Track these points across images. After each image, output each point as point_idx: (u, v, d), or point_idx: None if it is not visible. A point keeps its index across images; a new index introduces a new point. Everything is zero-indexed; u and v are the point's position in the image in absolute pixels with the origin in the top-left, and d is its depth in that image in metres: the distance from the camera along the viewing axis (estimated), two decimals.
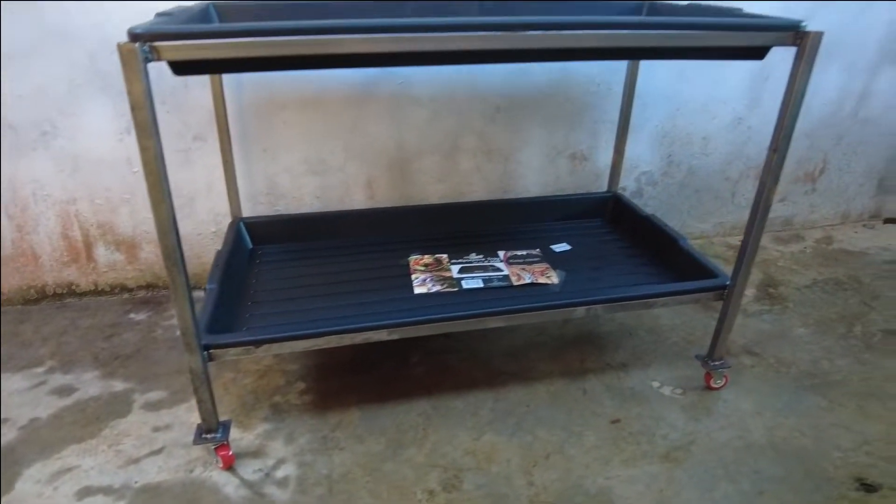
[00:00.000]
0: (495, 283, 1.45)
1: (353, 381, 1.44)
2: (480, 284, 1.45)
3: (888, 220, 2.12)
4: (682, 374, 1.49)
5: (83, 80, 1.51)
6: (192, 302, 1.03)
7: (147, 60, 0.86)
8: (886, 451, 1.28)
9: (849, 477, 1.21)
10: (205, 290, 1.28)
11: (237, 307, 1.34)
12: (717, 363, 1.40)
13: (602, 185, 1.96)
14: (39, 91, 1.50)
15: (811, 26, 1.74)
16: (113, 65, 1.50)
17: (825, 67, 1.97)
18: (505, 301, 1.27)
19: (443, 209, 1.76)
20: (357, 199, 1.80)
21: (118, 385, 1.43)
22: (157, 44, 0.86)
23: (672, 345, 1.60)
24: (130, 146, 1.60)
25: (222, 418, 1.18)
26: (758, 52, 1.12)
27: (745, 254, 1.26)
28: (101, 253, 1.73)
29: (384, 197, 1.82)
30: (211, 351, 1.10)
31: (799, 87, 1.09)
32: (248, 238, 1.61)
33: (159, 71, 0.91)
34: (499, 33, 0.95)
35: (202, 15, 1.28)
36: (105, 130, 1.58)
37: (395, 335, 1.19)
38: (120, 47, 0.84)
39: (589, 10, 1.53)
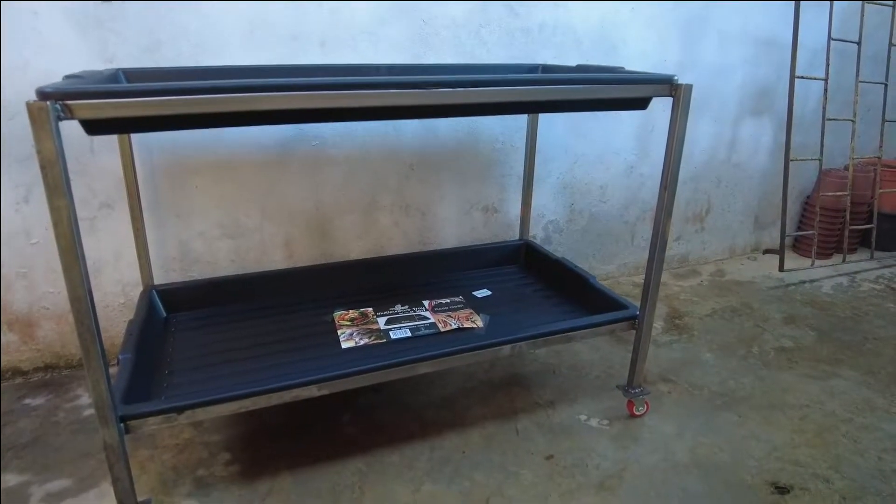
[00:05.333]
0: (423, 332, 1.47)
1: (282, 446, 1.38)
2: (408, 334, 1.46)
3: (767, 251, 2.37)
4: (606, 406, 1.55)
5: None
6: (107, 370, 0.97)
7: (59, 119, 0.84)
8: (792, 454, 1.39)
9: (764, 483, 1.29)
10: (117, 360, 1.20)
11: (154, 377, 1.27)
12: (636, 391, 1.48)
13: (514, 234, 2.06)
14: None
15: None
16: (8, 133, 1.44)
17: (699, 119, 2.24)
18: (434, 346, 1.29)
19: (365, 264, 1.78)
20: (275, 260, 1.78)
21: (12, 479, 1.28)
22: (70, 102, 0.84)
23: (594, 379, 1.67)
24: (28, 216, 1.51)
25: (141, 498, 1.09)
26: (642, 103, 1.27)
27: (650, 285, 1.36)
28: None
29: (303, 256, 1.81)
30: (128, 422, 1.03)
31: (679, 130, 1.24)
32: (161, 306, 1.54)
33: (63, 136, 0.88)
34: (412, 91, 1.02)
35: (112, 79, 1.27)
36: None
37: (325, 390, 1.17)
38: (30, 105, 0.82)
39: (487, 72, 1.66)
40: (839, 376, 1.71)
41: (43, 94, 0.83)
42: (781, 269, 2.30)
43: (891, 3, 2.24)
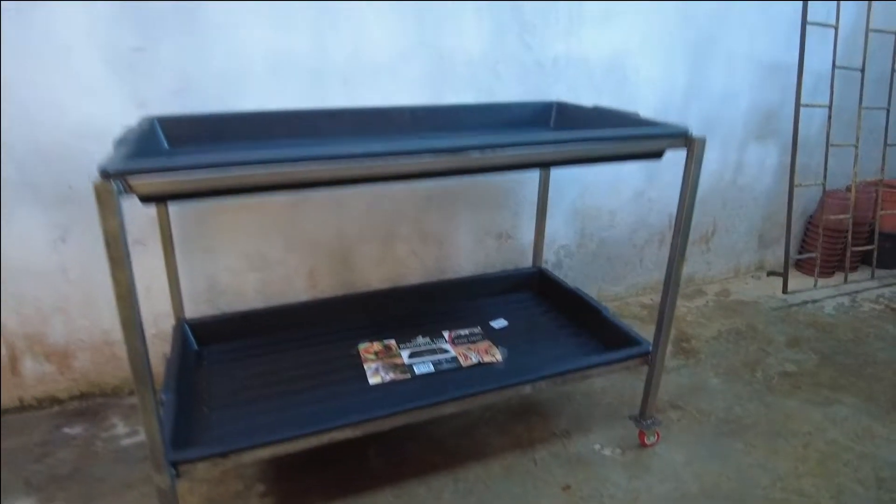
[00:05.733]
0: (445, 366, 1.54)
1: (313, 478, 1.45)
2: (431, 369, 1.53)
3: (771, 273, 2.44)
4: (619, 434, 1.62)
5: (9, 190, 1.48)
6: (160, 420, 1.03)
7: (120, 195, 0.90)
8: (796, 484, 1.46)
9: None
10: (161, 400, 1.27)
11: (194, 415, 1.34)
12: (648, 422, 1.55)
13: (527, 259, 2.12)
14: None
15: (689, 113, 2.05)
16: (46, 175, 1.50)
17: (707, 143, 2.29)
18: (458, 383, 1.36)
19: (385, 294, 1.84)
20: (299, 290, 1.85)
21: None
22: (130, 180, 0.90)
23: (606, 406, 1.74)
24: (65, 254, 1.57)
25: None
26: (657, 154, 1.33)
27: (663, 325, 1.43)
28: (29, 366, 1.65)
29: (326, 286, 1.88)
30: (179, 467, 1.10)
31: (692, 179, 1.31)
32: (193, 340, 1.60)
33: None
34: (448, 156, 1.08)
35: (150, 133, 1.33)
36: (35, 240, 1.54)
37: (359, 431, 1.24)
38: (96, 186, 0.87)
39: (504, 113, 1.72)
40: (840, 402, 1.79)
41: (105, 174, 0.89)
42: (785, 291, 2.37)
43: (894, 31, 2.29)
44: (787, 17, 2.20)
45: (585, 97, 2.00)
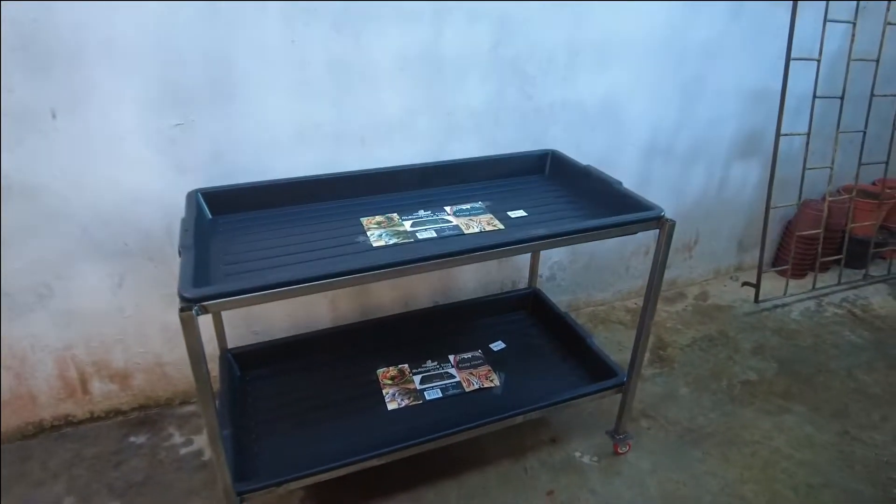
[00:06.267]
0: (451, 391, 1.82)
1: (344, 486, 1.75)
2: (440, 395, 1.81)
3: (745, 283, 2.69)
4: (597, 443, 1.93)
5: (76, 249, 1.72)
6: (231, 469, 1.32)
7: (198, 315, 1.14)
8: (739, 490, 1.77)
9: None
10: (221, 437, 1.56)
11: (246, 444, 1.63)
12: (621, 437, 1.85)
13: (523, 275, 2.37)
14: (35, 262, 1.69)
15: (678, 139, 2.23)
16: (105, 235, 1.73)
17: (692, 166, 2.49)
18: (461, 408, 1.68)
19: (398, 319, 2.11)
20: (323, 315, 2.10)
21: None
22: (206, 304, 1.14)
23: (588, 416, 2.03)
24: (122, 297, 1.83)
25: None
26: (632, 231, 1.55)
27: (635, 362, 1.70)
28: (97, 386, 1.94)
29: (346, 310, 2.13)
30: (243, 497, 1.40)
31: (663, 255, 1.53)
32: (236, 367, 1.88)
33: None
34: (453, 257, 1.32)
35: (197, 209, 1.55)
36: (98, 288, 1.79)
37: (384, 460, 1.53)
38: (181, 315, 1.11)
39: (504, 165, 1.92)
40: (789, 411, 2.08)
41: (186, 300, 1.13)
42: (756, 300, 2.63)
43: (874, 59, 2.42)
44: (774, 50, 2.33)
45: (580, 135, 2.19)
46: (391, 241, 1.49)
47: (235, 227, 1.60)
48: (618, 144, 2.29)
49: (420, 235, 1.53)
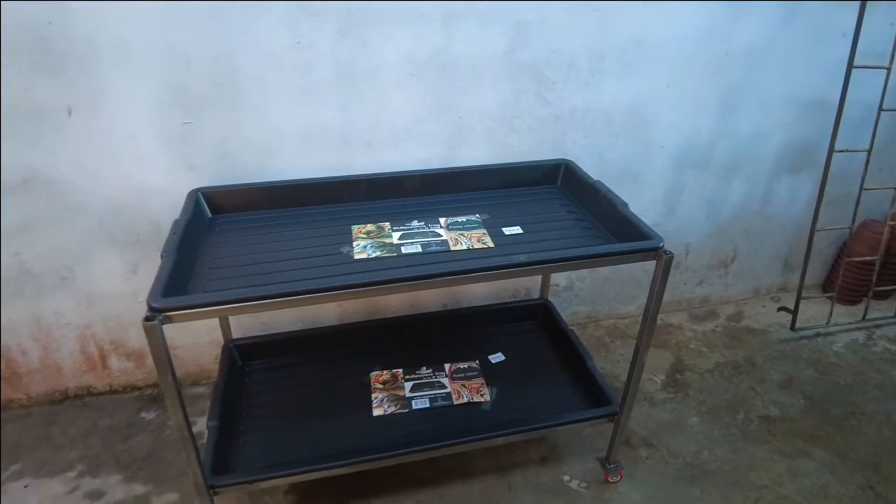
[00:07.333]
0: (439, 403, 1.81)
1: (322, 485, 1.79)
2: (427, 405, 1.80)
3: (782, 309, 2.49)
4: (589, 468, 1.86)
5: (93, 238, 1.82)
6: (211, 460, 1.39)
7: (163, 324, 1.18)
8: None
9: None
10: (207, 427, 1.63)
11: (233, 436, 1.69)
12: (612, 466, 1.78)
13: (536, 284, 2.30)
14: (57, 248, 1.81)
15: (714, 153, 2.04)
16: (119, 226, 1.82)
17: (730, 180, 2.32)
18: (448, 421, 1.70)
19: (402, 322, 2.11)
20: (330, 314, 2.14)
21: (139, 488, 1.79)
22: (170, 314, 1.18)
23: (585, 437, 1.96)
24: (135, 283, 1.92)
25: None
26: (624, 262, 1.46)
27: (627, 394, 1.62)
28: (114, 362, 2.07)
29: (354, 311, 2.15)
30: (215, 489, 1.46)
31: (659, 289, 1.43)
32: (238, 358, 1.95)
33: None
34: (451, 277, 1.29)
35: (196, 209, 1.60)
36: (114, 273, 1.90)
37: (352, 469, 1.55)
38: (144, 325, 1.16)
39: (513, 174, 1.85)
40: (809, 456, 1.93)
41: (152, 310, 1.17)
42: (793, 328, 2.43)
43: None
44: (834, 56, 2.10)
45: (602, 142, 2.08)
46: (374, 255, 1.48)
47: (232, 227, 1.64)
48: (645, 154, 2.15)
49: (404, 250, 1.51)
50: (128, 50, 1.57)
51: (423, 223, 1.64)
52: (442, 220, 1.65)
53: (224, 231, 1.63)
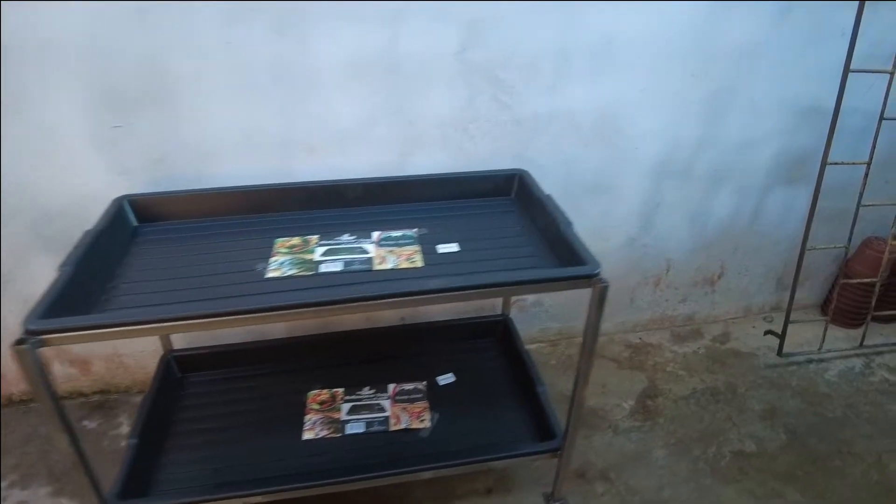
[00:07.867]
0: (375, 428, 1.70)
1: None
2: (363, 429, 1.70)
3: (769, 332, 2.30)
4: (535, 501, 1.74)
5: (28, 242, 1.76)
6: (122, 480, 1.34)
7: (38, 348, 1.10)
8: None
9: None
10: (127, 444, 1.56)
11: (154, 454, 1.62)
12: (558, 502, 1.65)
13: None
14: None
15: (696, 164, 1.97)
16: (52, 231, 1.75)
17: (716, 192, 2.14)
18: (381, 449, 1.61)
19: (352, 336, 2.00)
20: (279, 329, 2.04)
21: (64, 503, 1.74)
22: (45, 337, 1.10)
23: (535, 469, 1.83)
24: None
25: None
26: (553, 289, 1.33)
27: (568, 430, 1.48)
28: (58, 368, 2.02)
29: (307, 325, 2.05)
30: None
31: (595, 319, 1.30)
32: (177, 370, 1.88)
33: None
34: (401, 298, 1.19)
35: (117, 218, 1.52)
36: (48, 280, 1.83)
37: (268, 498, 1.46)
38: (12, 349, 1.07)
39: (463, 185, 1.73)
40: (783, 497, 1.76)
41: (27, 332, 1.09)
42: (780, 353, 2.25)
43: None
44: (835, 59, 1.90)
45: (570, 151, 1.93)
46: (288, 273, 1.38)
47: (158, 237, 1.56)
48: (619, 164, 2.00)
49: (323, 268, 1.40)
50: (52, 49, 1.50)
51: (354, 237, 1.53)
52: (375, 235, 1.53)
53: (148, 242, 1.54)
